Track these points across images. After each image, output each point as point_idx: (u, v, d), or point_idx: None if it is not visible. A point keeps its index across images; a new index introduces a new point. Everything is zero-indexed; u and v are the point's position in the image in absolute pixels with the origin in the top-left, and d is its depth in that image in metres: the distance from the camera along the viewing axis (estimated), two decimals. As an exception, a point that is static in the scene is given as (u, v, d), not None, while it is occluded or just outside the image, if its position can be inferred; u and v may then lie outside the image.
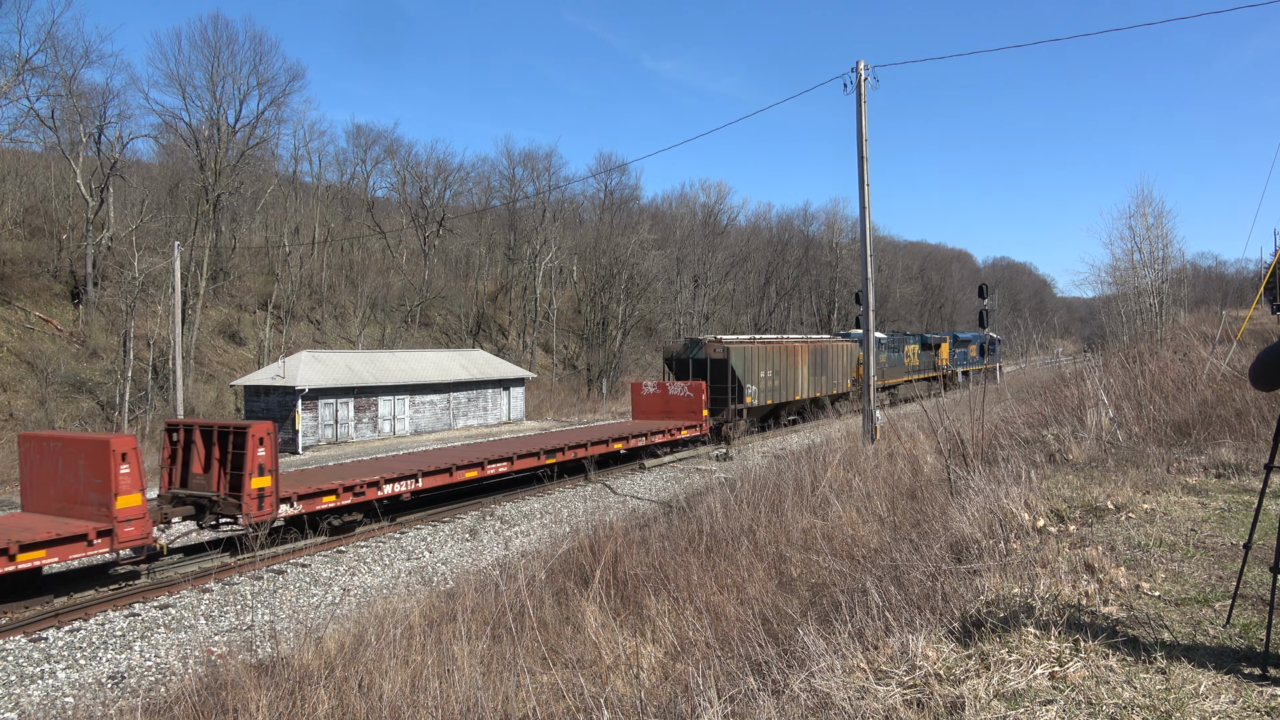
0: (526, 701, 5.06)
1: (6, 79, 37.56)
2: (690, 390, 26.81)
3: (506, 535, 16.59)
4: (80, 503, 12.90)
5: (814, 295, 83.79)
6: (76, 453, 13.11)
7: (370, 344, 48.95)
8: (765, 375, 30.35)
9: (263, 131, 51.09)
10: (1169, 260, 31.86)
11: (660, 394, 27.23)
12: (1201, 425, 10.75)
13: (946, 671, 3.93)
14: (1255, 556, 5.02)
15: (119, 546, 12.56)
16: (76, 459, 13.07)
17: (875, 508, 9.28)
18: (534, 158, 70.58)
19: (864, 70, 17.53)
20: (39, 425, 32.50)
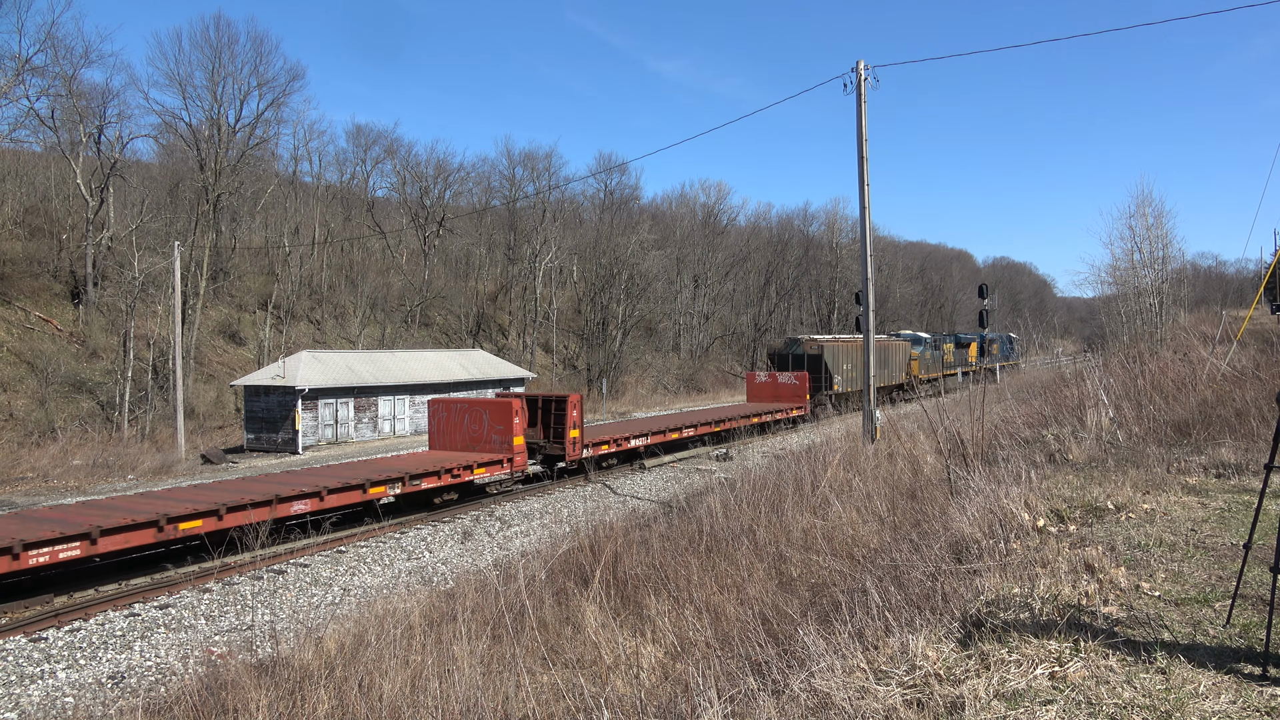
0: (526, 701, 5.06)
1: (6, 79, 37.58)
2: (796, 379, 33.74)
3: (506, 535, 16.60)
4: (483, 442, 20.39)
5: (814, 295, 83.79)
6: (480, 410, 20.93)
7: (370, 344, 48.95)
8: (847, 368, 37.58)
9: (263, 131, 51.18)
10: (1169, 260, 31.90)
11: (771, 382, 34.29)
12: (1201, 425, 10.75)
13: (946, 671, 3.93)
14: (1255, 556, 5.02)
15: (514, 469, 19.97)
16: (481, 414, 20.84)
17: (875, 508, 9.27)
18: (534, 158, 70.72)
19: (864, 70, 17.53)
20: (39, 425, 32.52)
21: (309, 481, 15.81)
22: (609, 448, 22.72)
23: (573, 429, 21.19)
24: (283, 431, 31.74)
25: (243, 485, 15.93)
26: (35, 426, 32.51)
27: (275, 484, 15.67)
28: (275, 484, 15.67)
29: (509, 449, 19.63)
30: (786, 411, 31.64)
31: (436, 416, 21.12)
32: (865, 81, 17.55)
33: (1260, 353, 16.47)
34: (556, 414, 21.50)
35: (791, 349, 37.79)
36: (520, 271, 62.44)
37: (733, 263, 77.16)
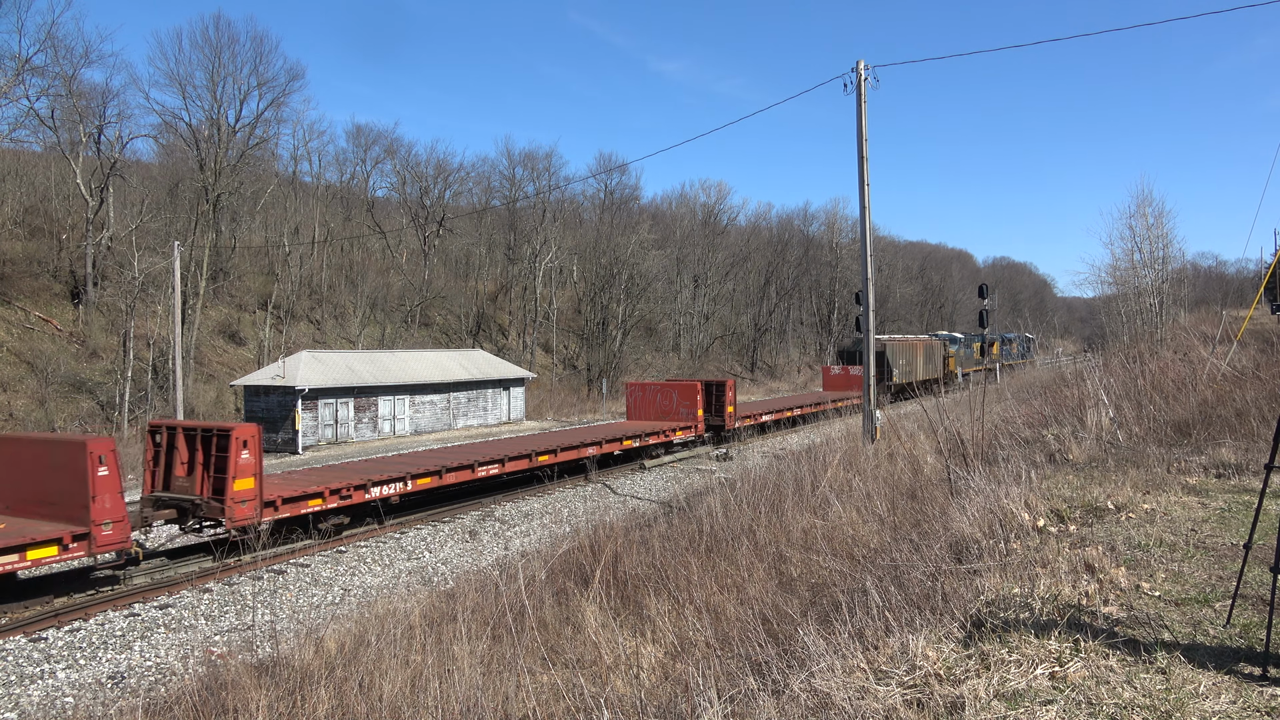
0: (526, 701, 5.06)
1: (6, 79, 37.58)
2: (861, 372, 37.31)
3: (506, 535, 16.59)
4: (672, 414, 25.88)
5: (814, 295, 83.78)
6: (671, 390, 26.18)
7: (370, 344, 48.95)
8: (902, 363, 43.27)
9: (263, 131, 51.17)
10: (1169, 260, 31.87)
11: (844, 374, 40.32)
12: (1201, 425, 10.75)
13: (946, 671, 3.93)
14: (1255, 556, 5.02)
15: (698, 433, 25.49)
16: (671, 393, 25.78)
17: (875, 508, 9.27)
18: (534, 158, 70.70)
19: (864, 70, 17.53)
20: (39, 425, 32.49)
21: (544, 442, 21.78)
22: (750, 421, 29.57)
23: (729, 405, 28.01)
24: (283, 431, 31.74)
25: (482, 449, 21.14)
26: (35, 426, 32.49)
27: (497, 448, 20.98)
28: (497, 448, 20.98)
29: (694, 418, 26.32)
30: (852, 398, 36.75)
31: (633, 395, 28.35)
32: (865, 81, 17.54)
33: (1260, 353, 16.48)
34: (717, 394, 27.98)
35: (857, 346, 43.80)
36: (520, 271, 62.43)
37: (733, 263, 77.15)
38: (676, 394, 27.01)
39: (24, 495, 13.03)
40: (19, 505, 13.04)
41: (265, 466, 23.70)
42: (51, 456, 12.88)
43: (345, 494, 15.95)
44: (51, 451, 12.99)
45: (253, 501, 14.14)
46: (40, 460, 13.04)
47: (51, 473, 12.78)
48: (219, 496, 13.99)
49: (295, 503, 15.06)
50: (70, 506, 12.34)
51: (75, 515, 12.27)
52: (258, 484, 14.25)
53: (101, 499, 12.28)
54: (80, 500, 12.19)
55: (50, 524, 12.25)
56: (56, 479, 12.65)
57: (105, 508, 12.31)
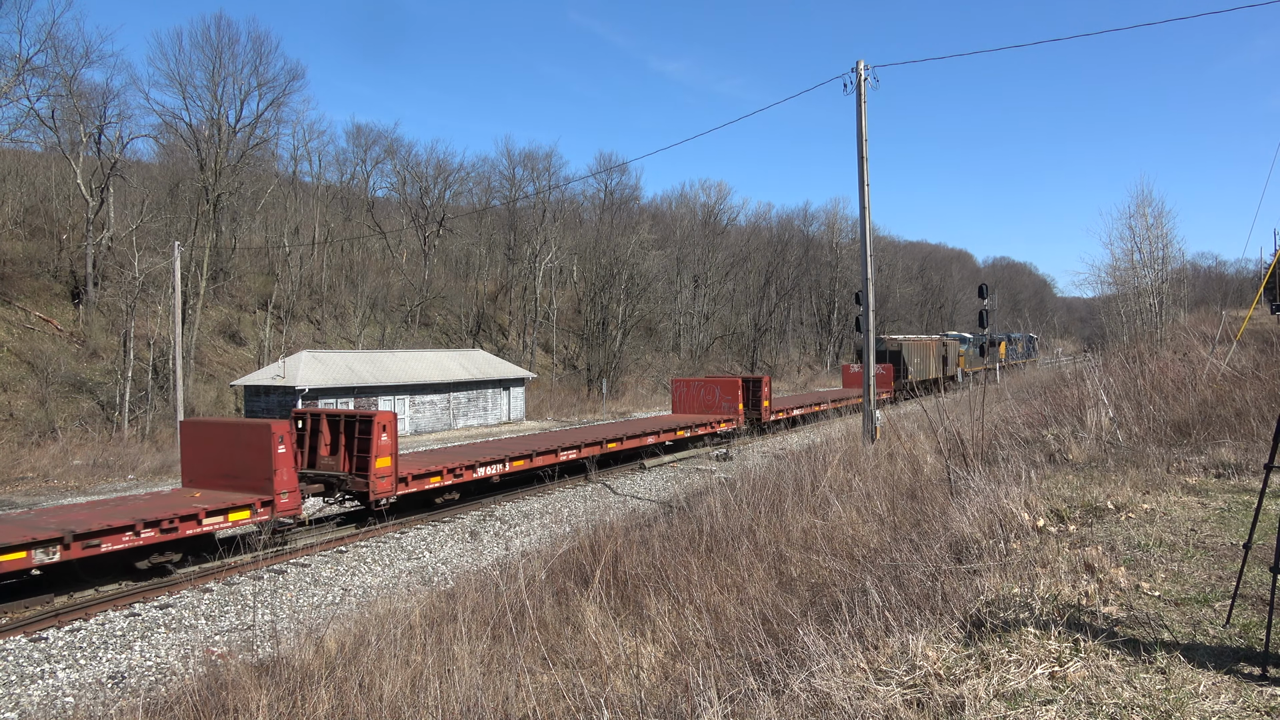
0: (526, 701, 5.06)
1: (7, 79, 37.58)
2: (883, 369, 39.41)
3: (507, 535, 16.59)
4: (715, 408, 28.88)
5: (814, 295, 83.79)
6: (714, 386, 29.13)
7: (370, 344, 48.94)
8: (917, 361, 45.96)
9: (263, 132, 51.15)
10: (1169, 260, 31.86)
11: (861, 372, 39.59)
12: (1201, 425, 10.75)
13: (946, 671, 3.93)
14: (1255, 556, 5.02)
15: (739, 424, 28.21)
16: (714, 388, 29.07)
17: (875, 508, 9.27)
18: (534, 158, 70.77)
19: (864, 70, 17.53)
20: (39, 425, 32.50)
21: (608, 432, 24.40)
22: (783, 414, 31.77)
23: (765, 400, 30.18)
24: (283, 431, 31.75)
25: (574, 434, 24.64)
26: (35, 426, 32.50)
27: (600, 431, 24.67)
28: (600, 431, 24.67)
29: (735, 411, 28.63)
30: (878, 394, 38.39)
31: (678, 390, 31.03)
32: (865, 81, 17.55)
33: (1260, 353, 16.48)
34: (754, 389, 30.19)
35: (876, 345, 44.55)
36: (520, 271, 62.43)
37: (733, 263, 77.14)
38: (719, 389, 29.54)
39: (210, 471, 15.22)
40: (205, 479, 15.28)
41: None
42: (238, 438, 15.07)
43: (458, 472, 18.00)
44: (238, 433, 15.22)
45: (390, 477, 16.31)
46: (228, 441, 15.20)
47: (238, 451, 14.87)
48: (362, 473, 16.09)
49: (421, 479, 17.15)
50: (254, 479, 14.53)
51: (259, 486, 14.49)
52: (394, 462, 16.38)
53: (280, 473, 14.57)
54: (264, 474, 14.42)
55: (238, 494, 14.39)
56: (242, 456, 14.76)
57: (283, 480, 14.65)
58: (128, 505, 14.02)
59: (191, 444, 15.75)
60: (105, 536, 12.16)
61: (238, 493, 14.45)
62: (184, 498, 14.32)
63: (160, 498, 14.87)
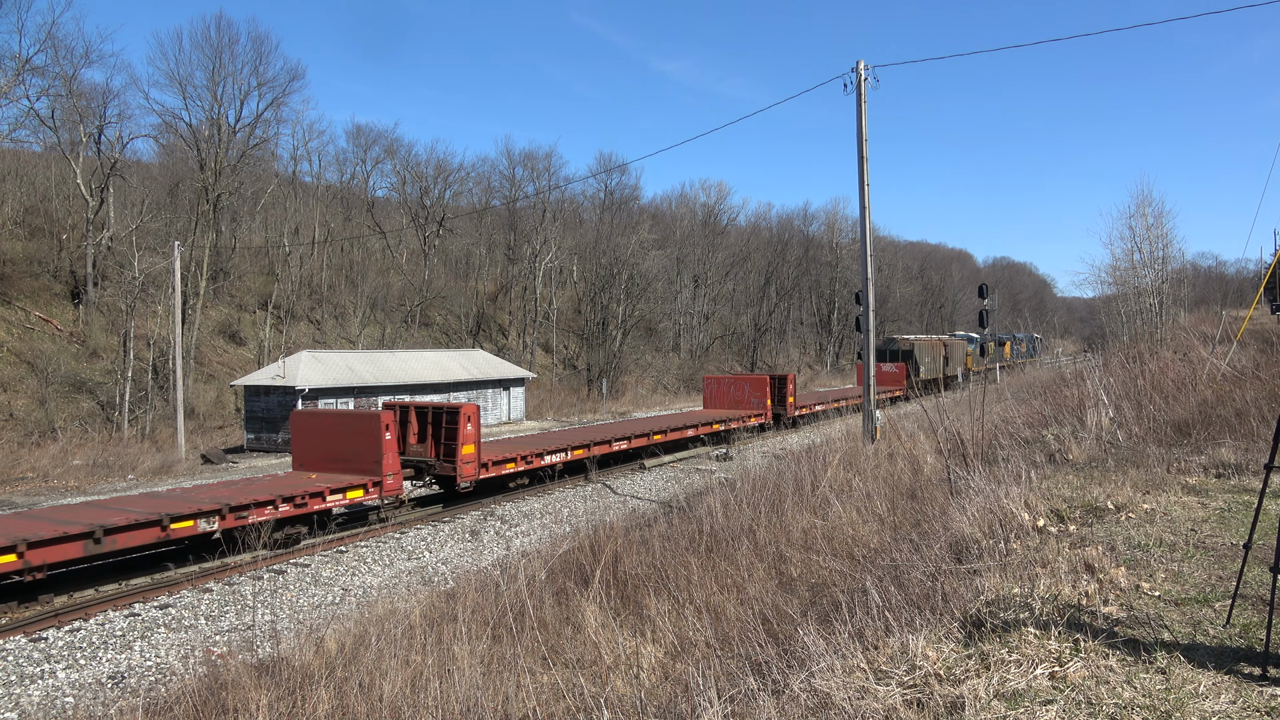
0: (526, 701, 5.06)
1: (6, 79, 37.57)
2: (897, 369, 44.00)
3: (507, 535, 16.59)
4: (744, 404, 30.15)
5: (814, 295, 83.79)
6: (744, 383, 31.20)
7: (370, 344, 48.94)
8: (928, 360, 47.99)
9: (262, 131, 51.17)
10: (1169, 260, 31.84)
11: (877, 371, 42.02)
12: (1201, 425, 10.74)
13: (946, 671, 3.93)
14: (1255, 556, 5.02)
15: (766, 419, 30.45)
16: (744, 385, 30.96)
17: (875, 508, 9.27)
18: (534, 158, 70.71)
19: (864, 70, 17.53)
20: (39, 425, 32.51)
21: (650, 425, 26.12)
22: (805, 410, 33.40)
23: (790, 396, 32.33)
24: (283, 431, 31.73)
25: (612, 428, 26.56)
26: (35, 426, 32.50)
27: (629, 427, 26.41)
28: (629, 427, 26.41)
29: (764, 407, 30.50)
30: (891, 392, 40.79)
31: (710, 386, 32.81)
32: (865, 81, 17.55)
33: (1260, 353, 16.47)
34: (780, 386, 32.20)
35: (889, 345, 48.30)
36: (520, 271, 62.42)
37: (733, 263, 77.14)
38: (749, 386, 31.69)
39: (320, 455, 16.98)
40: (315, 463, 17.07)
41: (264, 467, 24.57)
42: (348, 426, 16.84)
43: (529, 460, 19.86)
44: (348, 422, 17.01)
45: (474, 463, 18.17)
46: (337, 429, 16.98)
47: (347, 438, 16.61)
48: (449, 459, 17.90)
49: (499, 465, 19.00)
50: (363, 463, 16.31)
51: (368, 469, 16.25)
52: (477, 450, 18.18)
53: (387, 457, 16.31)
54: (373, 458, 16.20)
55: (349, 476, 16.15)
56: (352, 443, 16.50)
57: (389, 463, 16.40)
58: (257, 485, 15.83)
59: (302, 431, 17.52)
60: (252, 510, 14.05)
61: (348, 475, 16.24)
62: (300, 479, 15.94)
63: (279, 479, 16.48)
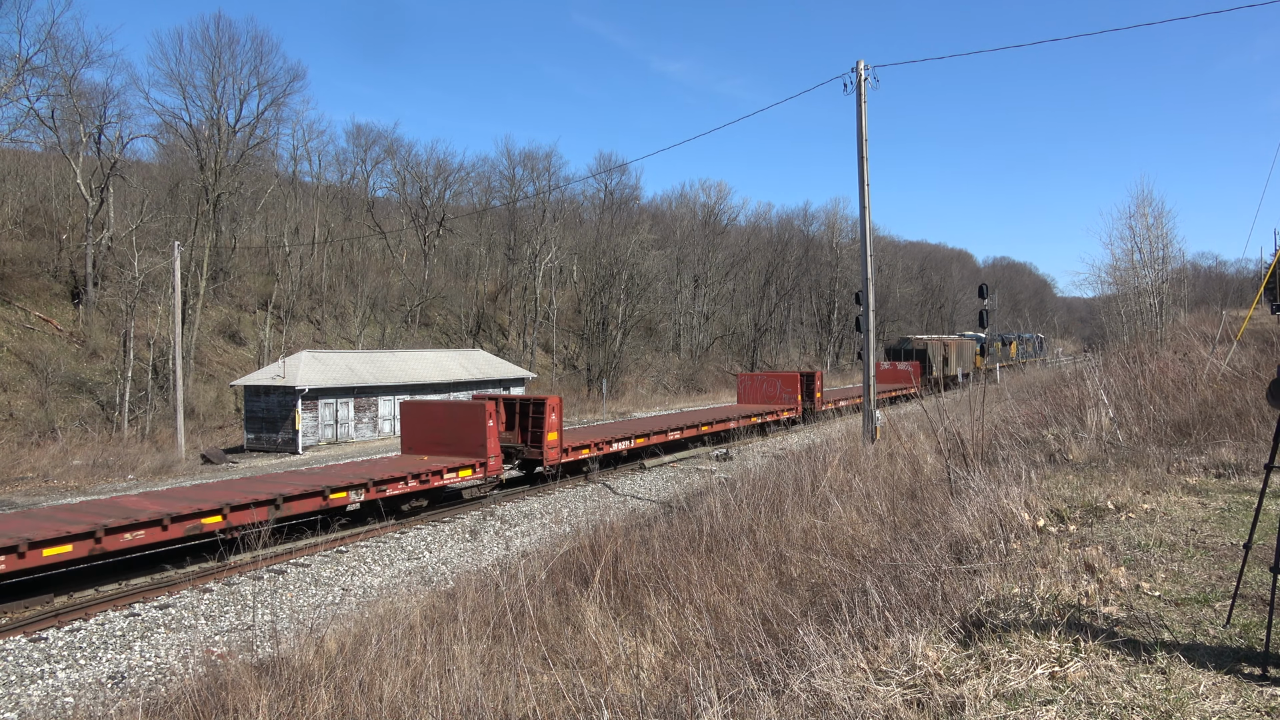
0: (526, 701, 5.06)
1: (6, 79, 37.57)
2: (910, 367, 45.94)
3: (507, 535, 16.59)
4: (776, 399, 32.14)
5: (814, 295, 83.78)
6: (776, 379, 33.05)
7: (370, 344, 48.93)
8: (939, 359, 49.76)
9: (263, 131, 51.17)
10: (1169, 260, 31.81)
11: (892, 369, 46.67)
12: (1201, 425, 10.74)
13: (946, 671, 3.93)
14: (1255, 556, 5.02)
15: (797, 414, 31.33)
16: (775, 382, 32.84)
17: (875, 508, 9.27)
18: (534, 158, 70.71)
19: (864, 70, 17.53)
20: (39, 425, 32.51)
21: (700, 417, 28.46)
22: (831, 405, 33.90)
23: (818, 392, 34.42)
24: (283, 431, 31.74)
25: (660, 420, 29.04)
26: (35, 426, 32.51)
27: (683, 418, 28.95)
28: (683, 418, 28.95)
29: (794, 402, 32.43)
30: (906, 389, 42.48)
31: (743, 383, 35.06)
32: (865, 81, 17.54)
33: (1260, 353, 16.47)
34: (808, 383, 34.28)
35: (903, 345, 51.43)
36: (520, 271, 62.42)
37: (733, 263, 77.13)
38: (780, 382, 33.80)
39: (428, 440, 19.34)
40: (423, 447, 19.38)
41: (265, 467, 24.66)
42: (455, 414, 19.23)
43: (600, 446, 22.19)
44: (455, 411, 19.41)
45: (557, 449, 20.46)
46: (445, 417, 19.34)
47: (454, 425, 18.97)
48: (536, 444, 20.24)
49: (577, 450, 21.34)
50: (469, 446, 18.65)
51: (473, 451, 18.62)
52: (560, 437, 20.51)
53: (490, 442, 18.64)
54: (479, 442, 18.54)
55: (456, 458, 18.38)
56: (458, 429, 18.84)
57: (492, 447, 18.70)
58: (380, 464, 18.21)
59: (410, 419, 19.90)
60: (389, 484, 16.40)
61: (455, 457, 18.51)
62: (414, 460, 18.29)
63: (396, 460, 18.77)
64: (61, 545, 11.55)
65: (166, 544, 13.73)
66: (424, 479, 17.12)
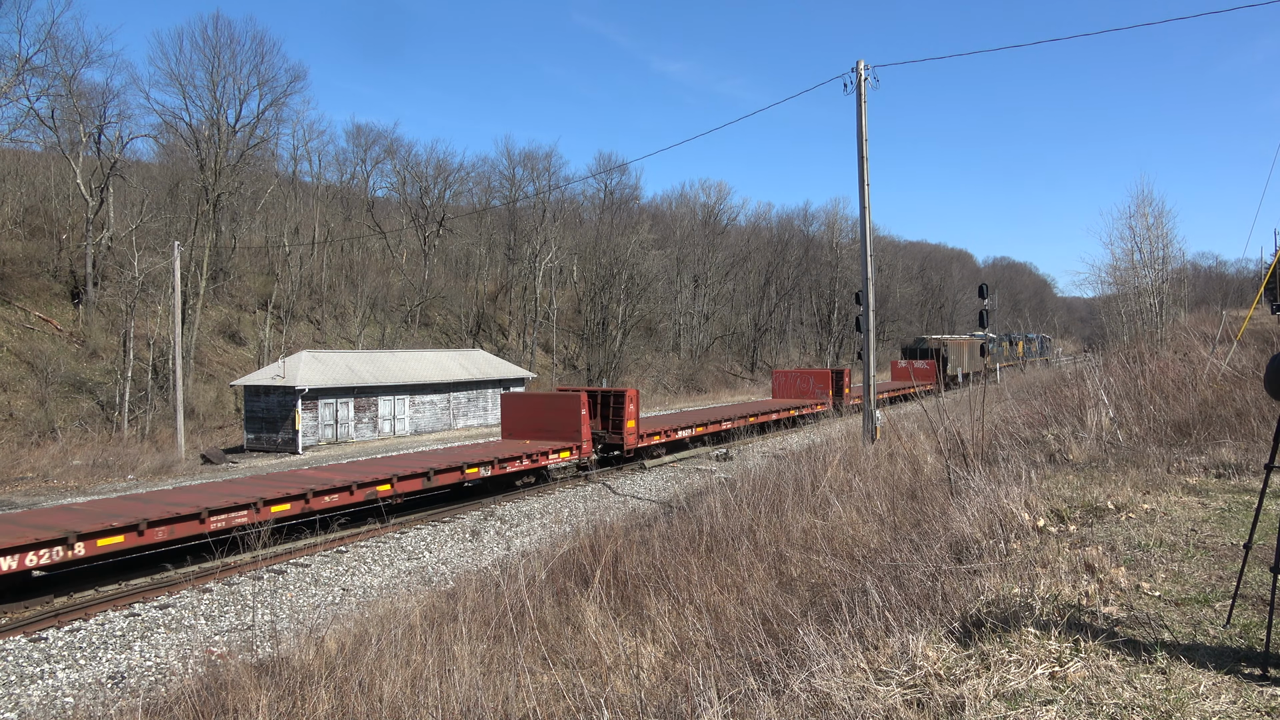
0: (526, 701, 5.06)
1: (6, 79, 37.57)
2: (928, 365, 48.07)
3: (507, 535, 16.59)
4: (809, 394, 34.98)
5: (814, 295, 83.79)
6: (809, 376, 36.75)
7: (370, 344, 48.93)
8: (954, 358, 51.95)
9: (263, 131, 51.17)
10: (1169, 260, 31.73)
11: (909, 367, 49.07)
12: (1202, 425, 10.74)
13: (946, 671, 3.93)
14: (1255, 556, 5.02)
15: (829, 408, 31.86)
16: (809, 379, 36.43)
17: (875, 508, 9.27)
18: (534, 157, 70.73)
19: (864, 70, 17.53)
20: (39, 425, 32.51)
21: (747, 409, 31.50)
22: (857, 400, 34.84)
23: (846, 388, 36.23)
24: (283, 431, 31.74)
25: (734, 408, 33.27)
26: (35, 426, 32.51)
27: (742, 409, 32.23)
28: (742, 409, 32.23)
29: (826, 397, 35.09)
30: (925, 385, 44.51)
31: (778, 379, 38.51)
32: (865, 81, 17.54)
33: (1260, 353, 16.46)
34: (838, 379, 36.46)
35: (919, 345, 53.85)
36: (520, 271, 62.42)
37: (733, 263, 77.13)
38: (813, 379, 36.88)
39: (526, 428, 22.63)
40: (522, 434, 22.66)
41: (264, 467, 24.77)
42: (553, 404, 22.46)
43: (668, 434, 25.41)
44: (553, 401, 22.65)
45: (635, 434, 23.83)
46: (543, 407, 22.62)
47: (552, 413, 22.19)
48: (617, 431, 23.43)
49: (649, 436, 24.61)
50: (565, 432, 21.79)
51: (569, 437, 21.73)
52: (637, 424, 23.92)
53: (584, 428, 21.82)
54: (575, 428, 21.68)
55: (553, 442, 21.47)
56: (556, 417, 22.06)
57: (585, 433, 21.87)
58: (490, 447, 21.35)
59: (511, 409, 23.33)
60: (508, 462, 19.64)
61: (552, 441, 21.54)
62: (518, 445, 21.30)
63: (499, 444, 21.74)
64: (282, 505, 14.73)
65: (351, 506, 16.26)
66: (534, 459, 20.53)
